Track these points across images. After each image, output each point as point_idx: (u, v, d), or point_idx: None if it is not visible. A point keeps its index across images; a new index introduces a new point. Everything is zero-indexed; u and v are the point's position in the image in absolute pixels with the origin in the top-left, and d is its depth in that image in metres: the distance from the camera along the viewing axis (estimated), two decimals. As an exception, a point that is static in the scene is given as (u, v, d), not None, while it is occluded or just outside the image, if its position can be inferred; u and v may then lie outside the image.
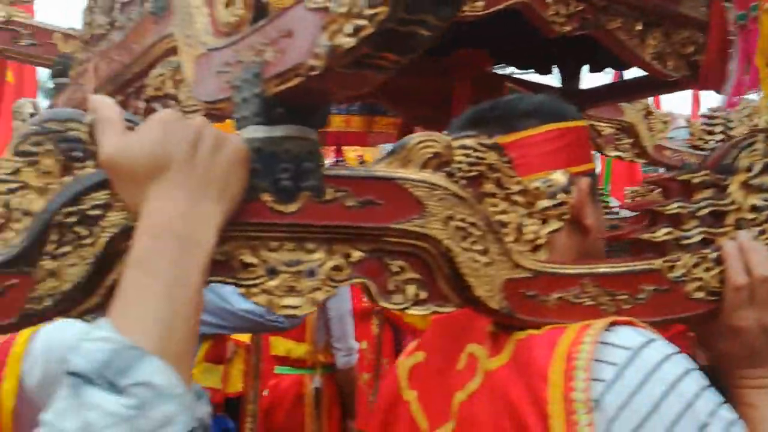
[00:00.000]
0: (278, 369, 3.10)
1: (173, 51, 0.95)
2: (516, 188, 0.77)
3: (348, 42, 0.60)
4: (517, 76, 2.17)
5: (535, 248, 0.78)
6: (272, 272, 0.72)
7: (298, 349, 3.07)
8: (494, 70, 2.02)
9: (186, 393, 0.60)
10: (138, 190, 0.66)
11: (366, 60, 0.62)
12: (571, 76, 2.14)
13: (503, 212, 0.77)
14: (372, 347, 3.40)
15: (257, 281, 0.72)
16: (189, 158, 0.67)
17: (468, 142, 0.75)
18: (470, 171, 0.75)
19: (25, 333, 1.22)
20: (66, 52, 1.49)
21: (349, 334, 3.08)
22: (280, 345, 3.04)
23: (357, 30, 0.59)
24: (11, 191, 0.65)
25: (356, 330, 3.16)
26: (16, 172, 0.65)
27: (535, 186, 0.78)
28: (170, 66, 0.98)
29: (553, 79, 2.18)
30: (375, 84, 0.67)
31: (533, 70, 2.10)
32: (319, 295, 0.73)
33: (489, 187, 0.76)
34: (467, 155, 0.75)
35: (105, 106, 0.68)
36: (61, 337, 1.20)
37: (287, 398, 3.01)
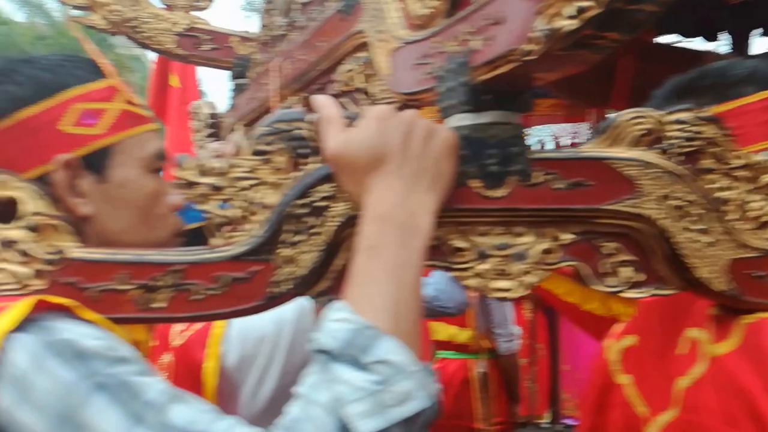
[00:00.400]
0: (441, 354, 3.15)
1: (362, 47, 0.98)
2: (737, 163, 0.73)
3: (570, 24, 0.60)
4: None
5: (762, 225, 0.74)
6: (483, 256, 0.73)
7: (461, 335, 3.10)
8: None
9: (420, 371, 0.63)
10: (359, 181, 0.69)
11: (586, 41, 0.62)
12: (740, 42, 2.01)
13: (724, 188, 0.73)
14: (526, 332, 3.37)
15: (469, 265, 0.73)
16: (403, 150, 0.69)
17: (683, 116, 0.72)
18: (687, 146, 0.72)
19: (222, 318, 1.31)
20: (243, 54, 1.58)
21: (509, 320, 3.08)
22: (443, 330, 3.09)
23: (581, 11, 0.59)
24: (251, 187, 0.70)
25: (509, 315, 3.15)
26: (253, 170, 0.71)
27: (758, 159, 0.74)
28: (359, 61, 1.01)
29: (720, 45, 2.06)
30: (589, 64, 0.67)
31: (700, 38, 1.99)
32: (531, 279, 0.74)
33: (707, 162, 0.73)
34: (683, 130, 0.72)
35: (327, 106, 0.72)
36: (255, 322, 1.28)
37: (454, 382, 3.05)
